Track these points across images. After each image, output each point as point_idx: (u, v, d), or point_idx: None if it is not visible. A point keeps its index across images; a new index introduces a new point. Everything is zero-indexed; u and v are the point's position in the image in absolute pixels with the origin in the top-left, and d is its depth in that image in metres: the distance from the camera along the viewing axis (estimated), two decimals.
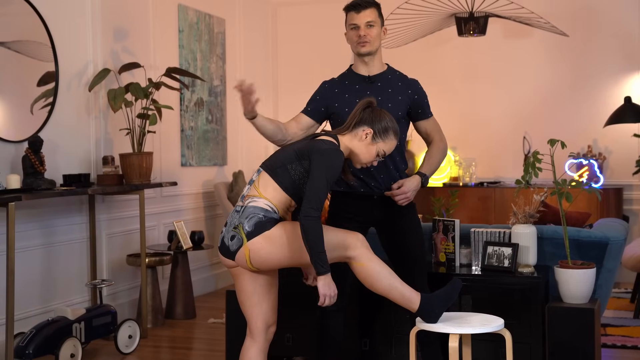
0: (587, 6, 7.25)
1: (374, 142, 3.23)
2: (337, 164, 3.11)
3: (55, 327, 4.41)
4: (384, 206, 3.56)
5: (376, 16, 3.57)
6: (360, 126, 3.24)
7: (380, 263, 3.17)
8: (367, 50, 3.56)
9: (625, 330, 5.20)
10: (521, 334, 3.70)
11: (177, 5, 6.47)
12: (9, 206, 4.21)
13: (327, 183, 3.05)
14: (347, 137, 3.26)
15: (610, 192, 6.83)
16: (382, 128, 3.23)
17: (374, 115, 3.25)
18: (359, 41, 3.55)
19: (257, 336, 3.23)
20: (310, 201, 3.00)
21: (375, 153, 3.25)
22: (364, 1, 3.55)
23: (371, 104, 3.30)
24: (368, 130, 3.23)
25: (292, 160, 3.16)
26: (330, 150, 3.12)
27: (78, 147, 5.27)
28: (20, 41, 4.84)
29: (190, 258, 6.20)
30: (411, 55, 7.58)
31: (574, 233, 4.01)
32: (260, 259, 3.10)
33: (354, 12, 3.55)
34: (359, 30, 3.54)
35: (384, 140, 3.24)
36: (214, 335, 5.29)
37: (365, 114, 3.26)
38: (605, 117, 6.88)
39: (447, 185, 7.42)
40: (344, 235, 3.17)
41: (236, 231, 3.11)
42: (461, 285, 3.26)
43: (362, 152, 3.25)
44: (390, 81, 3.61)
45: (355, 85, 3.58)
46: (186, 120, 6.56)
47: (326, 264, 3.00)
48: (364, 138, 3.23)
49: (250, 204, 3.13)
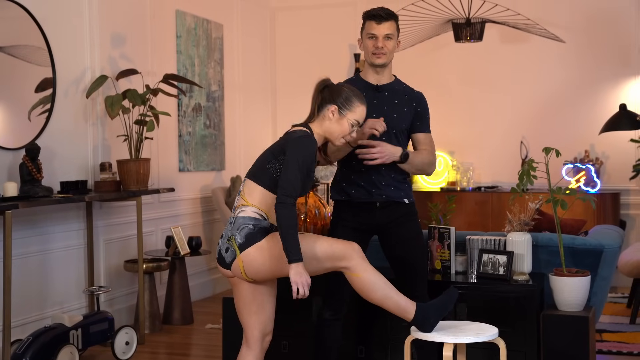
0: (583, 13, 7.27)
1: (342, 115, 3.25)
2: (309, 150, 3.14)
3: (52, 334, 4.42)
4: (386, 214, 3.57)
5: (395, 29, 3.57)
6: (324, 107, 3.27)
7: (376, 273, 3.18)
8: (382, 62, 3.58)
9: (621, 336, 5.21)
10: (516, 342, 3.71)
11: (175, 11, 6.49)
12: (6, 214, 4.22)
13: (299, 169, 3.08)
14: (317, 123, 3.29)
15: (607, 197, 6.84)
16: (344, 99, 3.26)
17: (332, 91, 3.28)
18: (375, 52, 3.56)
19: (253, 345, 3.25)
20: (283, 188, 3.04)
21: (349, 125, 3.27)
22: (385, 13, 3.55)
23: (325, 83, 3.32)
24: (332, 107, 3.25)
25: (269, 159, 3.20)
26: (301, 137, 3.16)
27: (75, 153, 5.29)
28: (18, 46, 4.85)
29: (188, 263, 6.21)
30: (408, 60, 7.59)
31: (569, 241, 4.02)
32: (254, 270, 3.12)
33: (374, 22, 3.55)
34: (376, 40, 3.54)
35: (350, 110, 3.26)
36: (211, 341, 5.31)
37: (323, 94, 3.29)
38: (602, 122, 6.89)
39: (444, 190, 7.44)
40: (339, 245, 3.18)
41: (229, 243, 3.14)
42: (457, 295, 3.28)
43: (335, 130, 3.27)
44: (397, 92, 3.63)
45: (363, 93, 3.59)
46: (184, 125, 6.58)
47: (298, 252, 3.00)
48: (332, 116, 3.26)
49: (240, 215, 3.16)
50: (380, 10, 3.56)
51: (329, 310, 3.58)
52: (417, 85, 3.81)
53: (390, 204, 3.58)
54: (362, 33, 3.63)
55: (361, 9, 7.85)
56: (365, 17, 3.61)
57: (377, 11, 3.57)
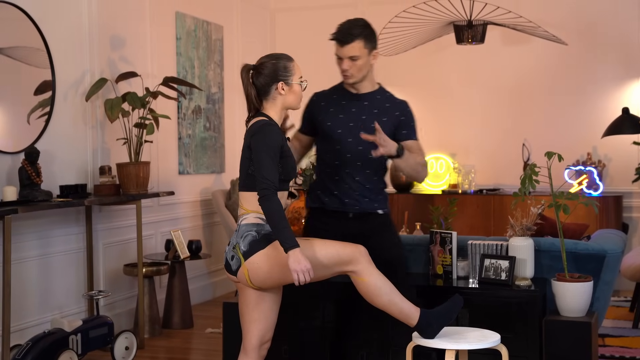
0: (586, 15, 7.24)
1: (288, 85, 3.18)
2: (270, 134, 3.09)
3: (52, 339, 4.39)
4: (360, 224, 3.54)
5: (361, 48, 3.48)
6: (269, 87, 3.17)
7: (381, 278, 3.17)
8: (351, 82, 3.55)
9: (624, 340, 5.18)
10: (518, 348, 3.69)
11: (175, 13, 6.46)
12: (5, 219, 4.20)
13: (269, 157, 3.04)
14: (269, 104, 3.20)
15: (609, 200, 6.81)
16: (281, 68, 3.17)
17: (264, 70, 3.17)
18: (342, 73, 3.53)
19: (250, 352, 3.23)
20: (260, 182, 3.01)
21: (298, 89, 3.21)
22: (348, 35, 3.46)
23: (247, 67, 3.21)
24: (278, 84, 3.17)
25: (247, 164, 3.16)
26: (259, 127, 3.11)
27: (75, 157, 5.26)
28: (16, 47, 4.83)
29: (188, 266, 6.19)
30: (410, 62, 7.57)
31: (571, 245, 3.99)
32: (259, 278, 3.11)
33: (338, 45, 3.49)
34: (341, 62, 3.50)
35: (292, 73, 3.18)
36: (211, 346, 5.28)
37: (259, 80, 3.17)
38: (605, 124, 6.86)
39: (446, 193, 7.41)
40: (346, 249, 3.16)
41: (235, 251, 3.13)
42: (462, 303, 3.26)
43: (292, 101, 3.21)
44: (378, 101, 3.60)
45: (342, 101, 3.58)
46: (184, 128, 6.55)
47: (291, 239, 2.96)
48: (283, 91, 3.18)
49: (243, 222, 3.16)
50: (342, 33, 3.47)
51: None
52: (419, 87, 3.79)
53: (364, 215, 3.54)
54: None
55: (362, 10, 7.93)
56: (331, 37, 3.53)
57: (339, 34, 3.48)
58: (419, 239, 4.34)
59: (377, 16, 7.70)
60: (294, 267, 2.96)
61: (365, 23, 3.55)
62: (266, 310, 3.21)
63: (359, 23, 3.53)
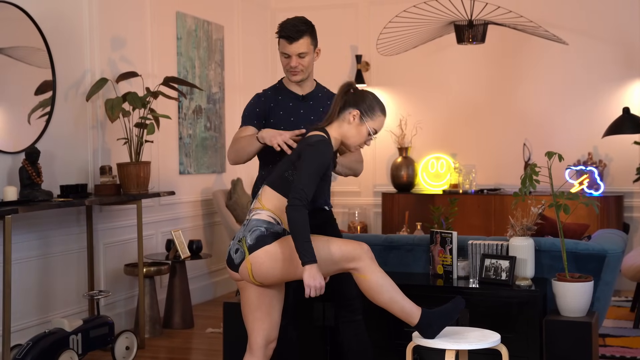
0: (586, 15, 7.23)
1: (362, 122, 3.24)
2: (325, 155, 3.12)
3: (52, 339, 4.38)
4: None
5: (308, 44, 3.52)
6: (346, 109, 3.25)
7: (383, 276, 3.17)
8: (299, 79, 3.56)
9: (625, 340, 5.17)
10: (518, 348, 3.68)
11: (176, 13, 6.46)
12: (6, 219, 4.20)
13: (314, 173, 3.07)
14: (335, 125, 3.26)
15: (610, 200, 6.81)
16: (368, 106, 3.24)
17: (357, 96, 3.27)
18: (290, 70, 3.53)
19: (256, 352, 3.22)
20: (296, 191, 3.02)
21: (367, 132, 3.25)
22: (296, 32, 3.48)
23: (350, 86, 3.30)
24: (354, 111, 3.23)
25: (287, 168, 3.19)
26: (317, 142, 3.14)
27: (75, 157, 5.26)
28: (17, 47, 4.83)
29: (188, 266, 6.19)
30: (411, 62, 7.57)
31: (572, 245, 3.99)
32: (262, 273, 3.10)
33: (287, 42, 3.50)
34: (290, 60, 3.51)
35: (372, 118, 3.25)
36: (211, 346, 5.28)
37: (348, 97, 3.27)
38: (606, 124, 6.86)
39: (446, 193, 7.40)
40: (349, 246, 3.16)
41: (240, 244, 3.13)
42: (464, 304, 3.25)
43: (353, 135, 3.25)
44: (320, 99, 3.63)
45: (289, 103, 3.57)
46: (184, 127, 6.55)
47: (311, 254, 2.98)
48: (352, 120, 3.24)
49: (254, 217, 3.16)
50: (291, 29, 3.49)
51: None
52: (420, 86, 3.80)
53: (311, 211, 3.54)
54: (279, 48, 3.57)
55: (363, 9, 7.93)
56: (278, 35, 3.54)
57: (288, 30, 3.50)
58: (419, 238, 4.34)
59: (378, 16, 7.76)
60: (308, 282, 2.97)
61: (308, 20, 3.59)
62: (268, 308, 3.21)
63: (303, 20, 3.57)
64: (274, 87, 3.67)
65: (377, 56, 7.62)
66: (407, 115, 7.60)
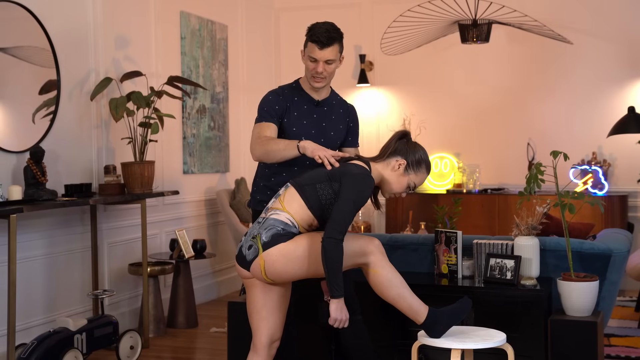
0: (591, 14, 7.22)
1: (406, 173, 3.28)
2: (366, 189, 3.15)
3: (57, 338, 4.39)
4: None
5: (337, 52, 3.47)
6: (394, 156, 3.28)
7: (393, 272, 3.18)
8: (322, 85, 3.53)
9: (630, 340, 5.16)
10: (523, 347, 3.68)
11: (179, 12, 6.47)
12: (11, 218, 4.20)
13: (354, 207, 3.09)
14: (380, 165, 3.29)
15: (615, 200, 6.79)
16: (416, 160, 3.28)
17: (409, 147, 3.30)
18: (315, 76, 3.48)
19: (260, 351, 3.23)
20: (335, 222, 3.02)
21: (406, 185, 3.30)
22: (328, 38, 3.42)
23: (406, 135, 3.34)
24: (402, 161, 3.27)
25: (322, 180, 3.17)
26: (361, 175, 3.16)
27: (80, 156, 5.27)
28: (21, 47, 4.83)
29: (192, 266, 6.19)
30: (415, 61, 7.57)
31: (577, 245, 3.98)
32: (275, 271, 3.10)
33: (317, 47, 3.43)
34: (317, 65, 3.46)
35: (415, 172, 3.29)
36: (215, 345, 5.28)
37: (400, 144, 3.31)
38: (610, 124, 6.85)
39: (450, 192, 7.40)
40: (361, 241, 3.18)
41: (254, 241, 3.12)
42: (471, 305, 3.26)
43: (393, 182, 3.29)
44: (334, 107, 3.61)
45: (304, 106, 3.55)
46: (188, 127, 6.55)
47: (341, 288, 3.02)
48: (397, 168, 3.27)
49: (272, 216, 3.15)
50: (324, 34, 3.42)
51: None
52: (424, 86, 3.79)
53: None
54: (305, 50, 3.51)
55: (366, 9, 7.93)
56: (308, 38, 3.47)
57: (320, 35, 3.42)
58: (424, 238, 4.34)
59: (382, 15, 7.76)
60: (335, 315, 3.04)
61: (338, 27, 3.52)
62: (274, 307, 3.21)
63: (334, 27, 3.50)
64: (291, 87, 3.62)
65: (381, 55, 7.61)
66: (410, 114, 7.59)
